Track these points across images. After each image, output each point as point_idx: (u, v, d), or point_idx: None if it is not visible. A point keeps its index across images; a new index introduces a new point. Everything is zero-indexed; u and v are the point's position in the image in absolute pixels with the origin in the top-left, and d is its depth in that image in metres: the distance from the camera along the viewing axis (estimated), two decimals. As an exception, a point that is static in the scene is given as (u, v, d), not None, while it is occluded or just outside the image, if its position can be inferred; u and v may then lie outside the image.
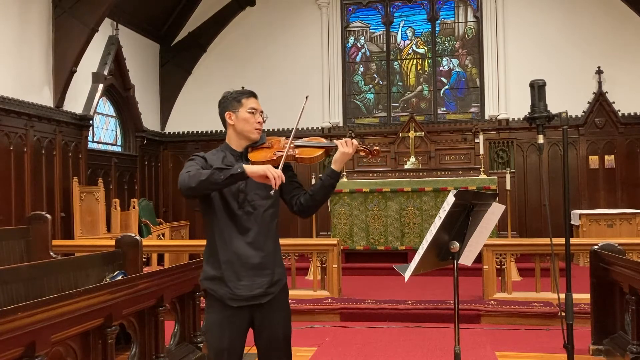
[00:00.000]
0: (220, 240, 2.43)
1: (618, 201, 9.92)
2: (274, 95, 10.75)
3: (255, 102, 2.56)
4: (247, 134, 2.51)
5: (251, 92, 2.59)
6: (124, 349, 4.22)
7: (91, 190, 8.68)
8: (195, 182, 2.29)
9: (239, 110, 2.52)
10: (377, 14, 11.24)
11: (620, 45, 10.10)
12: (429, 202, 8.36)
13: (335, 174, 2.44)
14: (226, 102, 2.57)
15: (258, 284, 2.42)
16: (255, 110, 2.53)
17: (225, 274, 2.41)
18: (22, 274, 3.74)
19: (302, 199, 2.51)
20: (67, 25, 8.25)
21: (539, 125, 3.29)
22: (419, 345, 4.96)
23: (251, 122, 2.51)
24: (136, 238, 4.83)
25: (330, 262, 6.44)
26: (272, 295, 2.46)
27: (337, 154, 2.44)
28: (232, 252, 2.41)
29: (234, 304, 2.41)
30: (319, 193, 2.47)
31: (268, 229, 2.47)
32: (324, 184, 2.46)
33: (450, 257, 2.56)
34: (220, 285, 2.43)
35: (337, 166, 2.44)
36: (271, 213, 2.48)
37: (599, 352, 4.49)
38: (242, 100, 2.54)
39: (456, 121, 10.69)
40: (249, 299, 2.42)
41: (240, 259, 2.41)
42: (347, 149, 2.42)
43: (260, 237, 2.44)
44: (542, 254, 6.12)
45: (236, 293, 2.40)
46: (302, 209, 2.52)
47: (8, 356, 2.40)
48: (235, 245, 2.41)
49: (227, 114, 2.53)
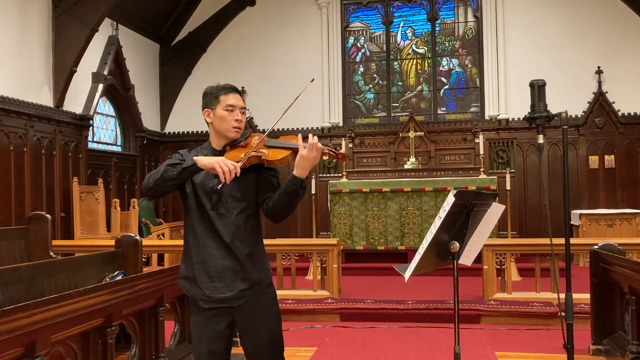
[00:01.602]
0: (193, 240, 2.38)
1: (618, 201, 9.92)
2: (274, 95, 10.76)
3: (234, 97, 2.41)
4: (225, 132, 2.40)
5: (231, 87, 2.45)
6: (124, 349, 4.22)
7: (91, 190, 8.68)
8: (152, 181, 2.26)
9: (216, 107, 2.40)
10: (377, 14, 11.24)
11: (620, 45, 10.10)
12: (429, 202, 8.37)
13: (296, 180, 2.26)
14: (205, 99, 2.46)
15: (230, 286, 2.34)
16: (233, 107, 2.39)
17: (197, 274, 2.37)
18: (22, 274, 3.74)
19: (270, 203, 2.36)
20: (67, 25, 8.25)
21: (539, 125, 3.29)
22: (419, 345, 4.96)
23: (228, 120, 2.38)
24: (136, 238, 4.83)
25: (330, 262, 6.44)
26: (246, 299, 2.36)
27: (297, 158, 2.25)
28: (205, 252, 2.35)
29: (206, 306, 2.36)
30: (282, 199, 2.31)
31: (242, 231, 2.36)
32: (285, 190, 2.30)
33: (450, 257, 2.56)
34: (193, 285, 2.39)
35: (298, 172, 2.25)
36: (245, 216, 2.38)
37: (599, 352, 4.49)
38: (220, 97, 2.41)
39: (456, 121, 10.69)
40: (220, 301, 2.35)
41: (213, 261, 2.34)
42: (309, 154, 2.22)
43: (234, 239, 2.34)
44: (542, 254, 6.12)
45: (206, 294, 2.35)
46: (270, 213, 2.37)
47: (8, 356, 2.40)
48: (207, 247, 2.34)
49: (205, 112, 2.43)
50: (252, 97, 11.11)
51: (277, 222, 2.42)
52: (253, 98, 11.10)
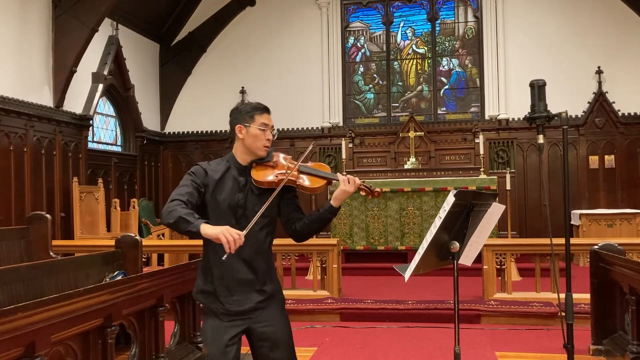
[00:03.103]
0: (214, 255, 2.42)
1: (618, 201, 9.93)
2: (274, 95, 10.77)
3: (267, 118, 2.51)
4: (255, 150, 2.49)
5: (265, 108, 2.54)
6: (124, 349, 4.22)
7: (91, 190, 8.68)
8: (166, 220, 2.30)
9: (250, 125, 2.48)
10: (377, 14, 11.24)
11: (620, 45, 10.10)
12: (429, 202, 8.37)
13: (333, 210, 2.45)
14: (239, 115, 2.52)
15: (249, 299, 2.43)
16: (266, 127, 2.49)
17: (218, 289, 2.43)
18: (22, 274, 3.74)
19: (297, 225, 2.50)
20: (67, 25, 8.25)
21: (539, 125, 3.28)
22: (419, 345, 4.96)
23: (261, 138, 2.47)
24: (136, 238, 4.83)
25: (330, 262, 6.44)
26: (262, 310, 2.46)
27: (337, 191, 2.43)
28: (226, 267, 2.40)
29: (225, 319, 2.43)
30: (315, 224, 2.48)
31: (261, 246, 2.46)
32: (320, 217, 2.46)
33: (450, 257, 2.55)
34: (213, 300, 2.45)
35: (336, 202, 2.44)
36: (266, 232, 2.48)
37: (599, 352, 4.49)
38: (255, 116, 2.49)
39: (456, 121, 10.69)
40: (240, 314, 2.44)
41: (233, 275, 2.42)
42: (349, 187, 2.41)
43: (254, 254, 2.43)
44: (542, 254, 6.12)
45: (228, 309, 2.43)
46: (297, 234, 2.52)
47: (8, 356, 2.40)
48: (229, 261, 2.35)
49: (238, 127, 2.50)
50: (252, 97, 11.12)
51: (300, 242, 2.57)
52: (253, 98, 11.10)
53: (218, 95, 11.28)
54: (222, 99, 11.23)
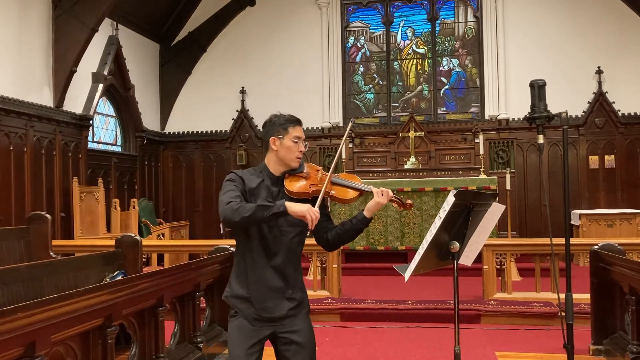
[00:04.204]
0: (250, 260, 2.50)
1: (618, 201, 9.92)
2: (274, 95, 10.77)
3: (300, 130, 2.57)
4: (288, 161, 2.55)
5: (298, 120, 2.60)
6: (124, 349, 4.22)
7: (91, 190, 8.68)
8: (238, 217, 2.33)
9: (284, 137, 2.53)
10: (377, 14, 11.24)
11: (620, 45, 10.10)
12: (429, 202, 8.37)
13: (366, 221, 2.51)
14: (273, 127, 2.57)
15: (281, 306, 2.50)
16: (299, 140, 2.55)
17: (253, 294, 2.49)
18: (22, 274, 3.74)
19: (329, 235, 2.57)
20: (67, 25, 8.25)
21: (539, 125, 3.28)
22: (419, 345, 4.97)
23: (294, 150, 2.53)
24: (136, 238, 4.83)
25: (330, 262, 6.44)
26: (292, 318, 2.53)
27: (371, 203, 2.49)
28: (260, 273, 2.48)
29: (257, 325, 2.49)
30: (347, 234, 2.55)
31: (293, 254, 2.54)
32: (353, 227, 2.53)
33: (450, 257, 2.55)
34: (247, 305, 2.50)
35: (369, 214, 2.51)
36: (298, 240, 2.55)
37: (599, 352, 4.49)
38: (289, 128, 2.54)
39: (456, 121, 10.69)
40: (271, 320, 2.50)
41: (266, 282, 2.48)
42: (382, 199, 2.48)
43: (285, 261, 2.50)
44: (542, 254, 6.12)
45: (261, 315, 2.48)
46: (328, 244, 2.59)
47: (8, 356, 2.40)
48: (262, 267, 2.48)
49: (272, 139, 2.55)
50: (251, 97, 11.13)
51: (330, 251, 2.63)
52: (253, 98, 11.12)
53: (218, 95, 11.28)
54: (222, 99, 11.24)
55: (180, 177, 11.46)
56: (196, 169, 11.37)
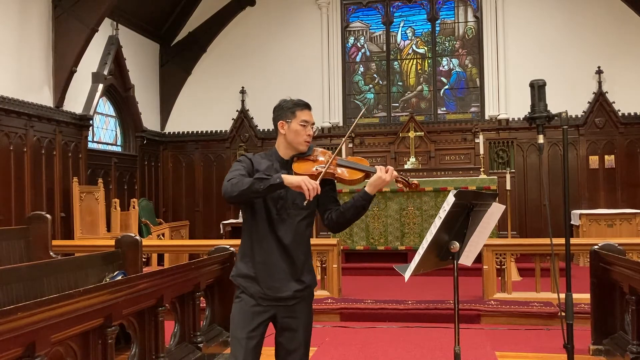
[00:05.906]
0: (256, 241, 2.54)
1: (618, 201, 9.92)
2: (274, 95, 10.71)
3: (308, 114, 2.61)
4: (296, 145, 2.59)
5: (306, 104, 2.64)
6: (124, 349, 4.22)
7: (91, 190, 8.68)
8: (237, 190, 2.39)
9: (292, 121, 2.58)
10: (377, 14, 11.24)
11: (620, 45, 10.10)
12: (429, 202, 8.37)
13: (367, 196, 2.51)
14: (281, 111, 2.63)
15: (288, 287, 2.52)
16: (307, 123, 2.59)
17: (259, 274, 2.52)
18: (22, 274, 3.74)
19: (333, 214, 2.59)
20: (67, 25, 8.25)
21: (539, 125, 3.28)
22: (419, 345, 4.96)
23: (301, 134, 2.57)
24: (136, 238, 4.84)
25: (330, 262, 6.44)
26: (298, 300, 2.56)
27: (373, 178, 2.50)
28: (266, 254, 2.52)
29: (264, 303, 2.52)
30: (349, 211, 2.55)
31: (301, 236, 2.56)
32: (354, 204, 2.53)
33: (450, 257, 2.55)
34: (252, 284, 2.53)
35: (370, 189, 2.50)
36: (306, 223, 2.58)
37: (599, 352, 4.49)
38: (297, 112, 2.59)
39: (456, 121, 10.68)
40: (278, 300, 2.53)
41: (273, 262, 2.52)
42: (385, 176, 2.47)
43: (293, 243, 2.53)
44: (542, 254, 6.12)
45: (267, 293, 2.51)
46: (332, 224, 2.61)
47: (8, 356, 2.40)
48: (269, 248, 2.52)
49: (280, 123, 2.60)
50: (251, 97, 11.13)
51: (336, 233, 2.71)
52: (253, 98, 11.12)
53: (218, 95, 11.28)
54: (222, 99, 11.24)
55: (180, 177, 11.46)
56: (196, 168, 11.37)
